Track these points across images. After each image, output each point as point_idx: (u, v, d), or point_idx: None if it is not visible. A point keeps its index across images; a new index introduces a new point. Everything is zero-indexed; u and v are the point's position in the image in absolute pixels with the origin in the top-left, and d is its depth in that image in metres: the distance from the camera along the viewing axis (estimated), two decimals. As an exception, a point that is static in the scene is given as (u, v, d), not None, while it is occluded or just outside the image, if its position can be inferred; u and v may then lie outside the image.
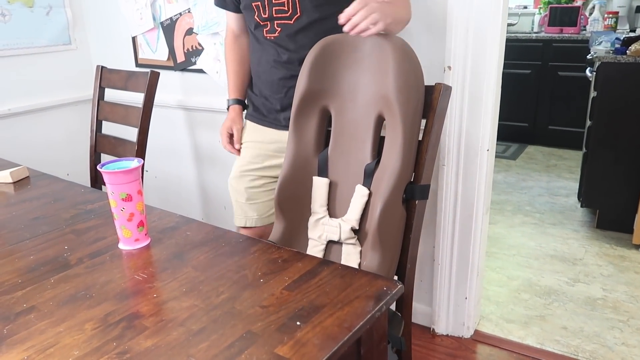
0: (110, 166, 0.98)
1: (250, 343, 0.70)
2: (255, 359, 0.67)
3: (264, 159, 1.49)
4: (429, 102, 1.20)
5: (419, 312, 1.97)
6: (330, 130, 1.31)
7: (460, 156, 1.67)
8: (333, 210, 1.29)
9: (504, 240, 2.60)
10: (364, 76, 1.22)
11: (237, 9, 1.44)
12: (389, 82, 1.16)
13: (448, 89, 1.20)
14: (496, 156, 4.01)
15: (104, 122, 2.04)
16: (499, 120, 1.73)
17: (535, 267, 2.32)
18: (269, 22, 1.34)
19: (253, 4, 1.32)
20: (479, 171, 1.67)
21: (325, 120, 1.32)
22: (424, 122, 1.20)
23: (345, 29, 1.11)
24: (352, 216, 1.22)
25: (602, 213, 2.61)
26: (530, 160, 3.77)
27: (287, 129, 1.36)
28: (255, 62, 1.46)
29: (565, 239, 2.57)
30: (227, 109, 1.56)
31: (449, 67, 1.60)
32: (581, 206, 2.71)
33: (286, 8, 1.30)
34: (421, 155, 1.20)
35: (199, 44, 2.07)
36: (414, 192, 1.18)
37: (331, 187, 1.30)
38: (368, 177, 1.21)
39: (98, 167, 0.97)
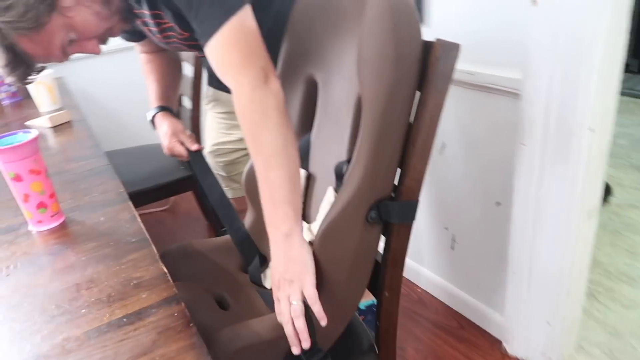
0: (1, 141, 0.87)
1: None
2: None
3: (238, 129, 1.29)
4: (424, 70, 0.78)
5: (491, 321, 1.56)
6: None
7: (547, 134, 1.15)
8: (309, 209, 1.00)
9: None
10: (348, 41, 0.85)
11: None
12: (359, 51, 0.78)
13: (454, 48, 0.76)
14: None
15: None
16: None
17: (702, 288, 1.62)
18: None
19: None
20: (576, 160, 1.13)
21: (314, 95, 1.00)
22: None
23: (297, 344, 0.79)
24: (318, 225, 0.91)
25: None
26: None
27: None
28: None
29: None
30: (152, 122, 1.23)
31: (534, 0, 1.06)
32: None
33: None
34: (409, 150, 0.81)
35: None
36: (389, 213, 0.80)
37: (310, 181, 1.00)
38: (339, 180, 0.87)
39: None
